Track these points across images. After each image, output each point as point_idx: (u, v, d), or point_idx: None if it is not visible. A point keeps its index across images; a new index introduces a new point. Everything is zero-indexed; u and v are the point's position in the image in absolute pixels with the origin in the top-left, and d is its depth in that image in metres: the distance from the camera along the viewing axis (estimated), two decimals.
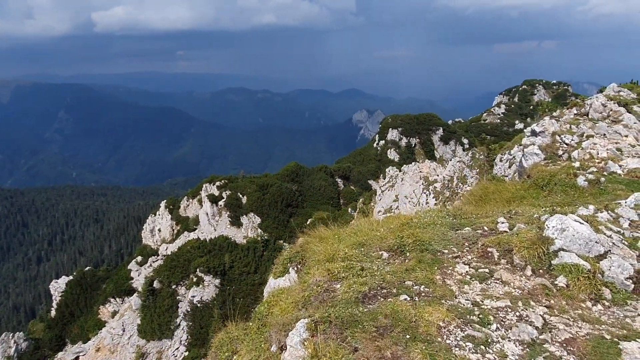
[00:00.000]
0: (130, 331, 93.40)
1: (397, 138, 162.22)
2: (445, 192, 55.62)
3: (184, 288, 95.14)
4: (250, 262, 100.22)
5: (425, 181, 63.41)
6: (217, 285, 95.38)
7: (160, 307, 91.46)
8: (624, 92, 21.52)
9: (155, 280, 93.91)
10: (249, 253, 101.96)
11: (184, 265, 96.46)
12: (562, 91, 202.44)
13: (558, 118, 16.56)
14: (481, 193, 13.72)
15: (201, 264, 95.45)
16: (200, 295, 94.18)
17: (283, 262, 7.65)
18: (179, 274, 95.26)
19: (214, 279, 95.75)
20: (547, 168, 13.05)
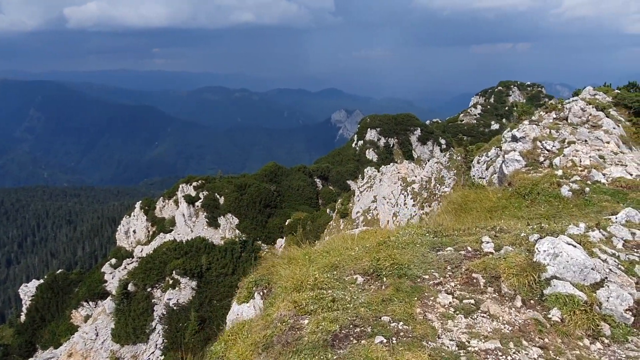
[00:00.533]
0: (104, 335, 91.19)
1: (375, 138, 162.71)
2: (423, 193, 55.55)
3: (159, 291, 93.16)
4: (227, 263, 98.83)
5: (403, 182, 63.28)
6: (194, 287, 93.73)
7: (135, 310, 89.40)
8: (600, 96, 21.47)
9: (130, 283, 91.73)
10: (226, 254, 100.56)
11: (159, 267, 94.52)
12: (536, 92, 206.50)
13: (537, 122, 16.17)
14: (461, 201, 13.26)
15: (177, 266, 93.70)
16: (177, 297, 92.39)
17: (248, 286, 6.86)
18: (154, 276, 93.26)
19: (191, 281, 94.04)
20: (529, 176, 12.68)
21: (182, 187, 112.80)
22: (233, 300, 7.13)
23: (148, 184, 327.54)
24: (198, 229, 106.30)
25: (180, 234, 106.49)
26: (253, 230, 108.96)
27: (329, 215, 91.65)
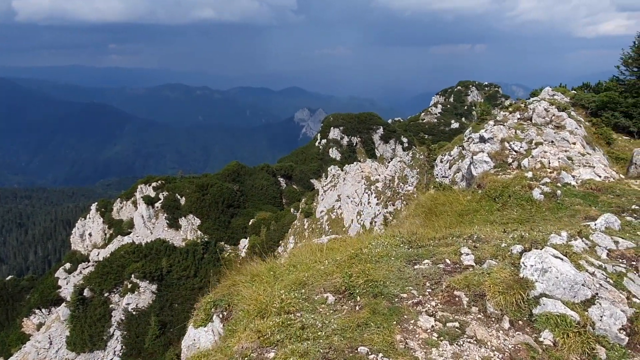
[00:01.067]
0: (58, 344, 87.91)
1: (338, 137, 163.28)
2: (386, 191, 55.72)
3: (117, 295, 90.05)
4: (189, 265, 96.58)
5: (367, 181, 63.38)
6: (154, 291, 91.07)
7: (92, 316, 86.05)
8: (558, 96, 21.86)
9: (86, 288, 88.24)
10: (188, 256, 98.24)
11: (117, 271, 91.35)
12: (494, 92, 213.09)
13: (503, 123, 16.14)
14: (431, 204, 12.95)
15: (136, 270, 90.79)
16: (136, 302, 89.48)
17: (206, 308, 6.10)
18: (112, 280, 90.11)
19: (151, 284, 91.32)
20: (498, 177, 12.53)
21: (141, 187, 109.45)
22: (189, 323, 6.32)
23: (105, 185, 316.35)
24: (158, 230, 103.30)
25: (139, 236, 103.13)
26: (216, 231, 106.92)
27: (293, 215, 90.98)
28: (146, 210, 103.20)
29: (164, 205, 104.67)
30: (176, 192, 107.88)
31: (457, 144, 28.28)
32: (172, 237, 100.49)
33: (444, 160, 28.31)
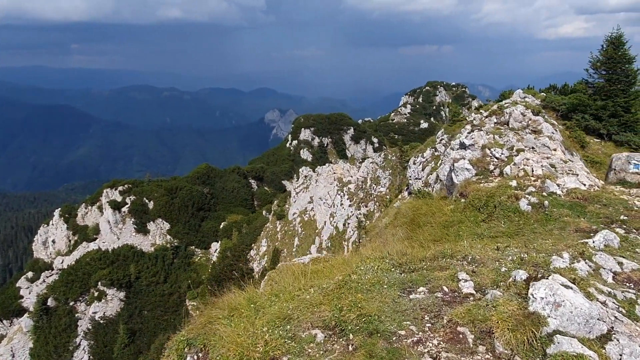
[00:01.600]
0: (21, 356, 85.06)
1: (309, 138, 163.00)
2: (359, 193, 55.53)
3: (83, 304, 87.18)
4: (159, 271, 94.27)
5: (339, 182, 63.09)
6: (122, 298, 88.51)
7: (57, 327, 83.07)
8: (529, 98, 22.02)
9: (50, 297, 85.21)
10: (157, 262, 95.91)
11: (83, 279, 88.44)
12: (461, 92, 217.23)
13: (480, 127, 16.00)
14: (412, 215, 12.54)
15: (103, 277, 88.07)
16: (103, 310, 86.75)
17: (178, 348, 5.31)
18: (77, 289, 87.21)
19: (118, 292, 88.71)
20: (481, 186, 12.25)
21: (107, 192, 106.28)
22: None
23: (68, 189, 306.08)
24: (125, 236, 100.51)
25: (105, 242, 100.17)
26: (186, 235, 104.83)
27: (265, 217, 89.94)
28: (112, 215, 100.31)
29: (131, 210, 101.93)
30: (144, 196, 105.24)
31: (430, 146, 28.23)
32: (140, 243, 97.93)
33: (417, 162, 28.21)
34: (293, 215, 75.41)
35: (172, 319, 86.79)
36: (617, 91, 18.78)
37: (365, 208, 48.98)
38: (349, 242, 45.93)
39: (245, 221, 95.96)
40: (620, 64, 18.48)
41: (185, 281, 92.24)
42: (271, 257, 73.07)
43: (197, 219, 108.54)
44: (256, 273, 78.40)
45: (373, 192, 51.05)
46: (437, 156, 25.05)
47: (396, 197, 36.64)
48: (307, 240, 65.08)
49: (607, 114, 19.24)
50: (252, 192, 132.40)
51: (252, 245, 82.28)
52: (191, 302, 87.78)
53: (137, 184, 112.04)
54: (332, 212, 58.41)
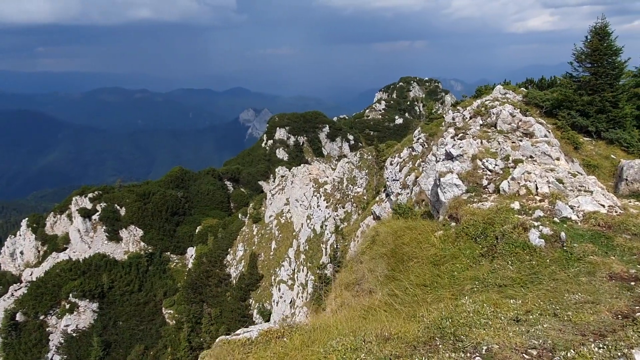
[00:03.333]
0: None
1: (285, 137, 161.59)
2: (335, 194, 54.38)
3: (54, 317, 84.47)
4: (133, 279, 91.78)
5: (315, 183, 61.77)
6: (95, 309, 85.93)
7: (27, 342, 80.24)
8: (510, 95, 21.14)
9: (19, 312, 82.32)
10: (131, 270, 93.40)
11: (53, 291, 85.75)
12: (434, 87, 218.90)
13: (464, 131, 14.63)
14: (394, 244, 10.82)
15: (74, 288, 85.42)
16: (75, 323, 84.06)
17: None
18: (47, 302, 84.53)
19: (91, 303, 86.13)
20: (475, 207, 10.42)
21: (76, 199, 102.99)
22: None
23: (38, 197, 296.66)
24: (97, 244, 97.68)
25: (76, 252, 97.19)
26: (160, 241, 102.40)
27: (241, 221, 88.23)
28: (83, 223, 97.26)
29: (102, 217, 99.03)
30: (115, 203, 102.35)
31: (407, 145, 27.33)
32: (112, 251, 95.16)
33: (394, 163, 27.29)
34: (269, 217, 73.99)
35: (149, 328, 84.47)
36: (603, 85, 17.63)
37: (343, 209, 48.03)
38: (327, 244, 44.90)
39: (221, 225, 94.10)
40: (606, 56, 17.59)
41: (161, 289, 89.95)
42: (248, 261, 71.56)
43: (171, 224, 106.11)
44: (233, 279, 76.84)
45: (350, 193, 50.11)
46: (414, 156, 24.08)
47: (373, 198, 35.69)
48: (285, 243, 63.80)
49: (594, 109, 18.16)
50: (228, 194, 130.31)
51: (229, 250, 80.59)
52: (168, 310, 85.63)
53: (108, 190, 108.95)
54: (309, 213, 57.28)
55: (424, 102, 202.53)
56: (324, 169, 63.53)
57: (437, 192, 11.96)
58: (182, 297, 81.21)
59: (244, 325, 69.53)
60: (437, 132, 24.75)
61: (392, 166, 27.61)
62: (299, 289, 50.17)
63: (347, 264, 13.96)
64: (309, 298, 35.51)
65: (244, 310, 66.10)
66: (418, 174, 21.95)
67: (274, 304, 58.50)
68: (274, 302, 59.11)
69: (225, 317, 68.92)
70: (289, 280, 56.20)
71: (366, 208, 35.49)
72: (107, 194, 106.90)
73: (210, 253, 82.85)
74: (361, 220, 31.46)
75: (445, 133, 16.44)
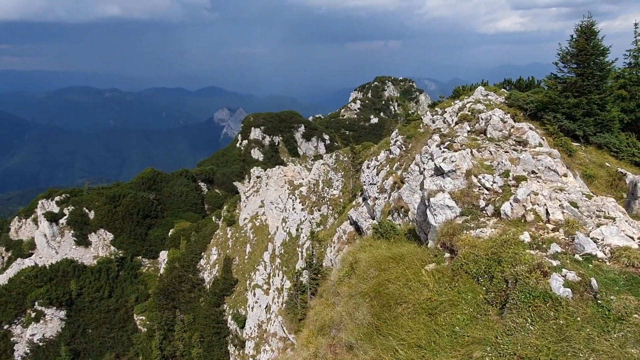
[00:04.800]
0: None
1: (260, 137, 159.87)
2: (311, 196, 53.37)
3: (19, 327, 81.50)
4: (102, 285, 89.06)
5: (290, 185, 60.53)
6: (63, 317, 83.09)
7: None
8: (492, 96, 20.58)
9: None
10: (100, 275, 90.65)
11: (17, 299, 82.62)
12: (408, 87, 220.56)
13: (451, 137, 13.53)
14: (377, 280, 9.14)
15: (40, 296, 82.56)
16: (42, 332, 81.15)
17: None
18: (11, 310, 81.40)
19: (58, 311, 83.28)
20: (473, 236, 8.79)
21: (42, 203, 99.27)
22: None
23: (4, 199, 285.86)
24: (64, 249, 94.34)
25: (42, 257, 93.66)
26: (131, 245, 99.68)
27: (215, 224, 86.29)
28: (49, 227, 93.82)
29: (70, 221, 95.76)
30: (83, 206, 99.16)
31: (384, 148, 26.65)
32: (81, 256, 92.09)
33: (371, 166, 26.57)
34: (244, 220, 72.48)
35: (120, 335, 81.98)
36: (590, 87, 16.96)
37: (319, 212, 47.16)
38: (302, 248, 43.95)
39: (194, 228, 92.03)
40: (593, 56, 17.13)
41: (132, 295, 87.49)
42: (222, 266, 69.89)
43: (143, 227, 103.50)
44: (207, 284, 75.02)
45: (326, 195, 49.29)
46: (392, 159, 23.31)
47: (350, 201, 34.92)
48: (260, 246, 62.50)
49: (581, 112, 17.49)
50: (202, 195, 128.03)
51: (202, 254, 78.64)
52: (139, 316, 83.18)
53: (76, 193, 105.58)
54: (284, 216, 56.17)
55: (399, 102, 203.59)
56: (299, 171, 62.51)
57: (425, 212, 10.66)
58: (153, 303, 79.00)
59: (218, 332, 67.87)
60: (415, 134, 24.07)
61: (369, 169, 26.88)
62: (275, 294, 49.12)
63: (322, 293, 12.69)
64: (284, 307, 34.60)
65: (218, 316, 64.55)
66: (396, 178, 21.20)
67: (249, 309, 57.22)
68: (249, 307, 57.83)
69: (199, 323, 67.20)
70: (264, 284, 55.02)
71: (342, 212, 34.67)
72: (75, 196, 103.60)
73: (183, 257, 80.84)
74: (337, 225, 30.59)
75: (429, 141, 15.48)
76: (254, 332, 53.45)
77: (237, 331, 60.31)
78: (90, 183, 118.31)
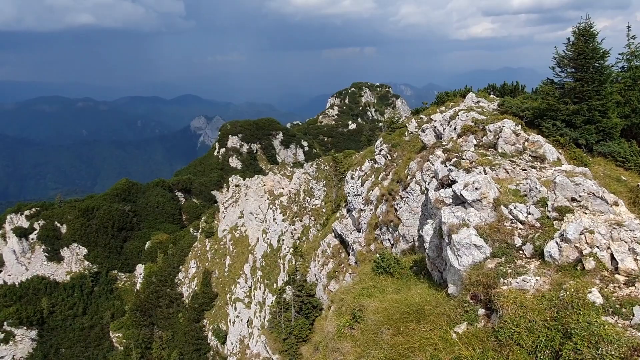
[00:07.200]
0: None
1: (238, 145, 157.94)
2: (292, 206, 51.99)
3: None
4: (76, 302, 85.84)
5: (270, 195, 59.00)
6: (34, 337, 79.62)
7: None
8: (484, 103, 19.86)
9: None
10: (74, 292, 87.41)
11: None
12: (385, 92, 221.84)
13: (457, 154, 11.90)
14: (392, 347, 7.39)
15: (9, 316, 79.04)
16: (12, 354, 77.58)
17: None
18: None
19: (29, 330, 79.79)
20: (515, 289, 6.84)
21: (11, 217, 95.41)
22: None
23: None
24: (35, 266, 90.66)
25: (11, 274, 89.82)
26: (106, 259, 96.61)
27: (193, 236, 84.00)
28: (18, 243, 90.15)
29: (41, 236, 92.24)
30: (55, 220, 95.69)
31: (368, 157, 25.78)
32: (52, 272, 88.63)
33: (356, 177, 25.63)
34: (223, 232, 70.65)
35: (95, 354, 78.90)
36: (590, 92, 16.14)
37: (300, 223, 45.92)
38: (284, 260, 42.58)
39: (171, 241, 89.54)
40: (592, 59, 16.53)
41: (107, 311, 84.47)
42: (201, 279, 67.79)
43: (118, 240, 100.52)
44: (185, 298, 72.68)
45: (307, 205, 48.12)
46: (377, 169, 22.37)
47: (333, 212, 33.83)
48: (240, 259, 60.77)
49: (582, 119, 16.46)
50: (179, 205, 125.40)
51: (180, 268, 76.33)
52: (116, 334, 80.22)
53: (47, 207, 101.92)
54: (265, 227, 54.71)
55: (375, 107, 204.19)
56: (279, 180, 61.19)
57: (439, 247, 9.02)
58: (130, 320, 76.22)
59: (198, 349, 65.68)
60: (400, 142, 23.22)
61: (353, 180, 25.93)
62: (257, 308, 47.53)
63: (318, 345, 10.96)
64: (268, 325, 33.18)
65: (198, 332, 62.42)
66: (383, 190, 20.24)
67: (230, 323, 55.39)
68: (230, 321, 55.99)
69: (178, 340, 64.90)
70: (245, 298, 53.35)
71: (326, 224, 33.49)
72: (45, 210, 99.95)
73: (160, 271, 78.36)
74: (321, 238, 29.41)
75: (431, 157, 14.41)
76: (235, 348, 51.68)
77: (218, 347, 58.37)
78: (62, 196, 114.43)
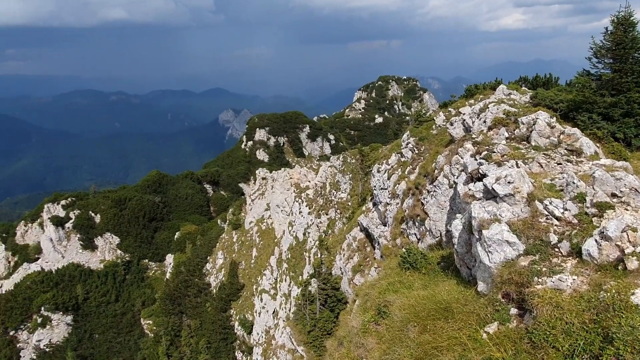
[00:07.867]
0: None
1: (265, 138, 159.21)
2: (318, 199, 52.38)
3: (25, 332, 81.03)
4: (109, 290, 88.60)
5: (296, 188, 59.58)
6: (69, 322, 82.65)
7: None
8: (515, 95, 19.53)
9: None
10: (107, 279, 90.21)
11: (23, 304, 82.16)
12: (412, 86, 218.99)
13: (488, 147, 11.43)
14: (419, 345, 7.23)
15: (46, 301, 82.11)
16: (49, 337, 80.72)
17: None
18: (17, 316, 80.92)
19: (65, 316, 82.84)
20: (551, 289, 6.59)
21: (48, 207, 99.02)
22: None
23: (12, 203, 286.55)
24: (70, 254, 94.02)
25: (48, 262, 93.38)
26: (138, 248, 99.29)
27: (221, 228, 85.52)
28: (55, 232, 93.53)
29: (76, 225, 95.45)
30: (89, 210, 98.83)
31: (395, 151, 25.71)
32: (87, 260, 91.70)
33: (382, 170, 25.62)
34: (249, 224, 71.66)
35: (127, 340, 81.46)
36: (629, 84, 15.45)
37: (326, 216, 46.18)
38: (310, 253, 43.01)
39: (200, 232, 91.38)
40: (632, 50, 15.81)
41: (139, 298, 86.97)
42: (228, 270, 69.14)
43: (149, 230, 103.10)
44: (213, 288, 74.29)
45: (333, 199, 48.30)
46: (404, 162, 22.32)
47: (359, 206, 33.91)
48: (266, 251, 61.64)
49: (620, 112, 15.62)
50: (207, 197, 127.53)
51: (208, 258, 77.89)
52: (146, 320, 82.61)
53: (82, 197, 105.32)
54: (291, 220, 55.24)
55: (402, 101, 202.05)
56: (305, 173, 61.57)
57: (469, 242, 8.89)
58: (160, 308, 78.35)
59: (225, 338, 67.04)
60: (427, 136, 23.08)
61: (380, 173, 25.93)
62: (282, 299, 48.25)
63: (343, 340, 10.91)
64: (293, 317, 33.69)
65: (225, 322, 63.75)
66: (410, 183, 20.23)
67: (256, 314, 56.36)
68: (256, 312, 56.97)
69: (206, 329, 66.44)
70: (271, 289, 54.14)
71: (352, 217, 33.65)
72: (80, 200, 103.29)
73: (189, 262, 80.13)
74: (347, 231, 29.58)
75: (460, 150, 14.27)
76: (261, 338, 52.60)
77: (244, 337, 59.47)
78: (96, 186, 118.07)
